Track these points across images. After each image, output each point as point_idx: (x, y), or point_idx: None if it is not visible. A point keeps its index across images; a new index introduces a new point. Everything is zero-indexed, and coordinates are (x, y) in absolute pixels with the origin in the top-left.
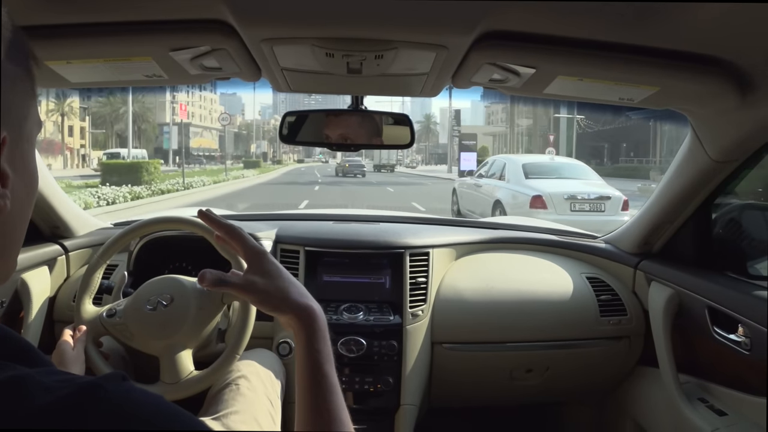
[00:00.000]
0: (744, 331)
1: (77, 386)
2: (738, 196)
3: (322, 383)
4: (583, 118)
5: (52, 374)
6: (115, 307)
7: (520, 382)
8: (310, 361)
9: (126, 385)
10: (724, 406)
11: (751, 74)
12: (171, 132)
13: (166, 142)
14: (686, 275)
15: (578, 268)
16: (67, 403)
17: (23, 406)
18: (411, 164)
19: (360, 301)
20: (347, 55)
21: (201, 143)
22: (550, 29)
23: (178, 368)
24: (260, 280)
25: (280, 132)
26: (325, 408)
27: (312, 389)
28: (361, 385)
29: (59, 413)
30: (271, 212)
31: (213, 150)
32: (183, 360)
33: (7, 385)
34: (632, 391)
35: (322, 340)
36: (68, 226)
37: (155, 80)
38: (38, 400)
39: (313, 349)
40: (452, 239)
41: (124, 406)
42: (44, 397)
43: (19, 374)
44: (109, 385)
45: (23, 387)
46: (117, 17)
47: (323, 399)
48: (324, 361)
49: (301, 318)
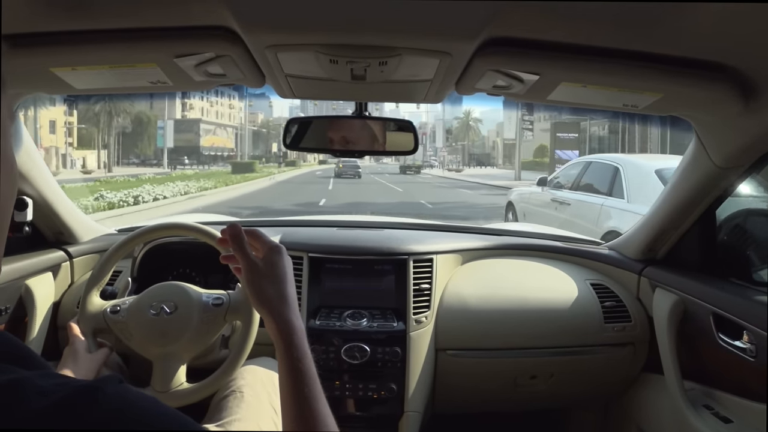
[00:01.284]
0: (749, 337)
1: (73, 389)
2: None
3: (303, 390)
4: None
5: (49, 377)
6: (120, 305)
7: (524, 388)
8: (291, 369)
9: (122, 388)
10: (729, 413)
11: (755, 80)
12: (166, 128)
13: (159, 139)
14: (691, 282)
15: (582, 274)
16: (63, 406)
17: (20, 410)
18: (454, 166)
19: (364, 307)
20: (351, 61)
21: (214, 142)
22: (554, 36)
23: (170, 377)
24: (265, 272)
25: (283, 139)
26: (310, 414)
27: (294, 394)
28: (365, 391)
29: (55, 416)
30: (274, 218)
31: (229, 149)
32: (176, 370)
33: (4, 388)
34: (637, 398)
35: (301, 350)
36: (72, 232)
37: (160, 86)
38: (35, 404)
39: (292, 358)
40: (456, 246)
41: (120, 408)
42: (41, 401)
43: (15, 378)
44: (106, 387)
45: (20, 390)
46: (122, 24)
47: (306, 405)
48: (303, 367)
49: (282, 332)
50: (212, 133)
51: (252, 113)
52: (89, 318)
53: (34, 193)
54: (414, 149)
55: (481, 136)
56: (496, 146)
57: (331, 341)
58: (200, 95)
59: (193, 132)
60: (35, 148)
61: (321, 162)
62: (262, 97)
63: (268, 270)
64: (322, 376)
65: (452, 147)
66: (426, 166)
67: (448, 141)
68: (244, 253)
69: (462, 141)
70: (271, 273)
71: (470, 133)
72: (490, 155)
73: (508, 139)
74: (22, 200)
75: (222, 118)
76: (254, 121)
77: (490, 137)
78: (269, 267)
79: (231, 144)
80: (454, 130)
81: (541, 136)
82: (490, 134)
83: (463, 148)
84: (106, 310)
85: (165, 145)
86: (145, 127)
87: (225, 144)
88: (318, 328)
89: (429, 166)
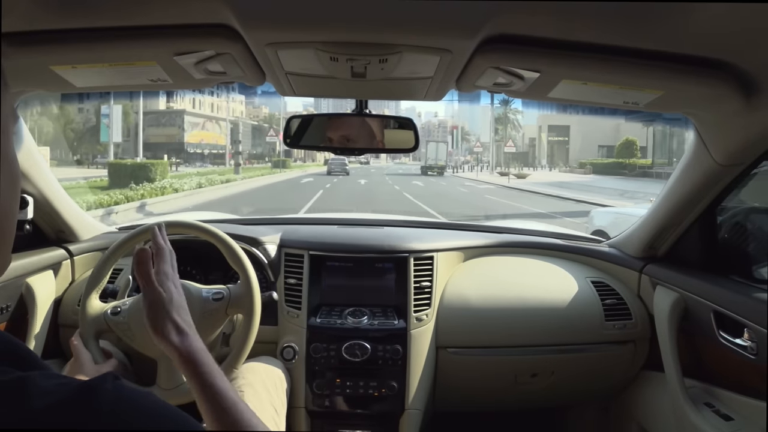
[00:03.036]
0: (750, 335)
1: (73, 388)
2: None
3: (221, 403)
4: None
5: (50, 377)
6: (120, 306)
7: (524, 386)
8: (203, 386)
9: (119, 385)
10: (729, 410)
11: (755, 77)
12: (112, 117)
13: (104, 131)
14: (692, 279)
15: (583, 272)
16: (63, 405)
17: (21, 409)
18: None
19: (364, 305)
20: (351, 59)
21: (202, 137)
22: (554, 33)
23: (175, 374)
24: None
25: (284, 136)
26: (235, 422)
27: (213, 409)
28: (366, 389)
29: (56, 415)
30: (275, 216)
31: (222, 146)
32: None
33: (5, 388)
34: (637, 396)
35: (208, 366)
36: (73, 230)
37: (160, 84)
38: (35, 403)
39: (201, 376)
40: (456, 243)
41: (118, 405)
42: (41, 400)
43: (16, 377)
44: (103, 385)
45: (21, 390)
46: (122, 22)
47: (228, 416)
48: (213, 382)
49: (182, 357)
50: (200, 127)
51: (255, 107)
52: (90, 321)
53: (35, 191)
54: (414, 147)
55: (521, 132)
56: (537, 143)
57: (331, 339)
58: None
59: (176, 126)
60: (36, 147)
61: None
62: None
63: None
64: (323, 374)
65: (471, 145)
66: (450, 166)
67: (498, 134)
68: (147, 281)
69: (496, 137)
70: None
71: (508, 128)
72: (528, 154)
73: (553, 136)
74: (22, 198)
75: (220, 112)
76: (257, 116)
77: (527, 133)
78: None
79: (224, 140)
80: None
81: (627, 128)
82: (527, 129)
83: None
84: (106, 312)
85: (111, 140)
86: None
87: (218, 140)
88: (319, 325)
89: (458, 167)
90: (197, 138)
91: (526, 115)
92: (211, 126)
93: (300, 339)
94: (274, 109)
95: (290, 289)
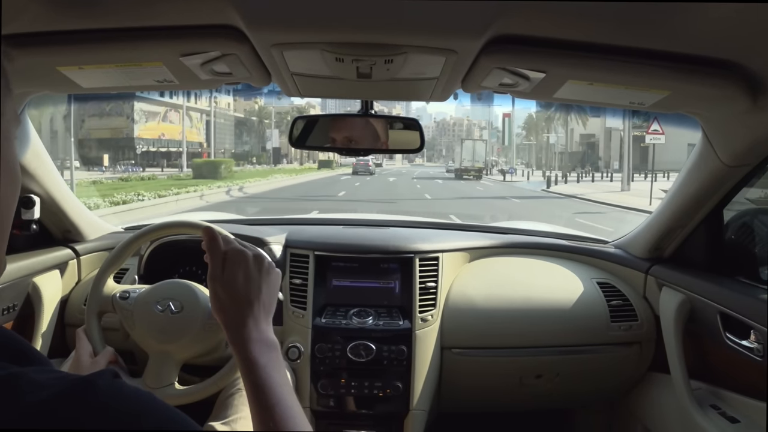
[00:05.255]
0: (756, 337)
1: (69, 383)
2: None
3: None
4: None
5: (46, 372)
6: (131, 292)
7: (529, 387)
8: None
9: (117, 382)
10: (736, 413)
11: (762, 77)
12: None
13: None
14: (698, 280)
15: (589, 273)
16: (59, 400)
17: (17, 404)
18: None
19: (369, 305)
20: (357, 59)
21: (163, 131)
22: (560, 33)
23: (162, 375)
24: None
25: (290, 137)
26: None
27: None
28: (370, 390)
29: (52, 410)
30: (280, 217)
31: (195, 143)
32: (169, 369)
33: (1, 383)
34: (643, 398)
35: (260, 364)
36: (79, 230)
37: (166, 85)
38: (31, 398)
39: (251, 369)
40: (462, 244)
41: (115, 402)
42: (37, 395)
43: (12, 372)
44: (101, 381)
45: (16, 385)
46: (128, 23)
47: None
48: (265, 379)
49: (235, 344)
50: (160, 117)
51: (246, 99)
52: (98, 297)
53: (42, 191)
54: (420, 147)
55: (569, 128)
56: (604, 140)
57: (336, 339)
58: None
59: (123, 115)
60: (42, 147)
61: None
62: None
63: (229, 275)
64: (328, 375)
65: (505, 147)
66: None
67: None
68: (214, 255)
69: (530, 137)
70: (231, 279)
71: (551, 125)
72: (584, 155)
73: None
74: (29, 198)
75: (198, 101)
76: (251, 109)
77: (576, 130)
78: (232, 273)
79: (200, 137)
80: (547, 122)
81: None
82: (582, 125)
83: (529, 147)
84: (115, 294)
85: None
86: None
87: (189, 136)
88: (324, 326)
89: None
90: (154, 132)
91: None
92: (177, 116)
93: (305, 339)
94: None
95: (295, 290)
